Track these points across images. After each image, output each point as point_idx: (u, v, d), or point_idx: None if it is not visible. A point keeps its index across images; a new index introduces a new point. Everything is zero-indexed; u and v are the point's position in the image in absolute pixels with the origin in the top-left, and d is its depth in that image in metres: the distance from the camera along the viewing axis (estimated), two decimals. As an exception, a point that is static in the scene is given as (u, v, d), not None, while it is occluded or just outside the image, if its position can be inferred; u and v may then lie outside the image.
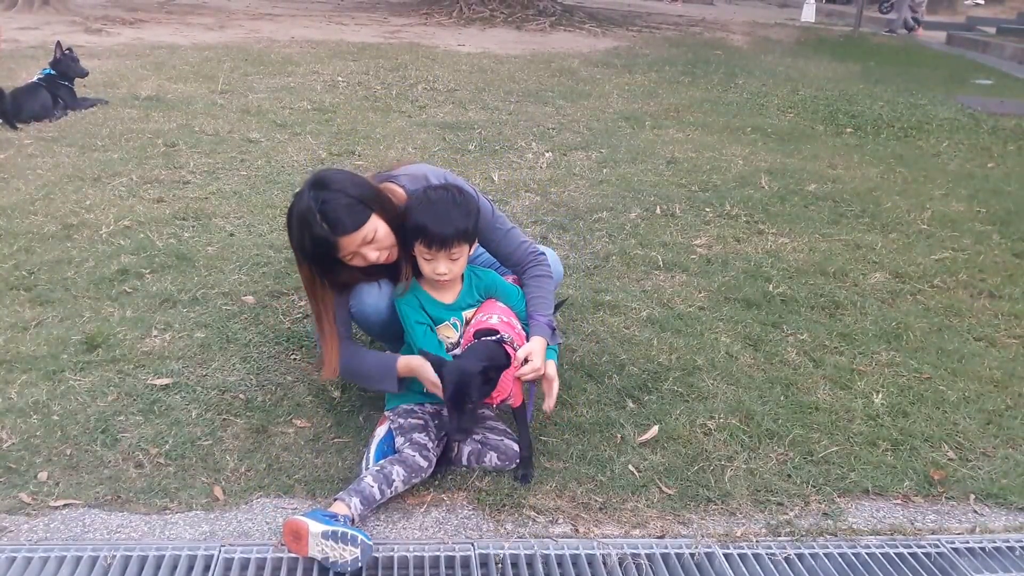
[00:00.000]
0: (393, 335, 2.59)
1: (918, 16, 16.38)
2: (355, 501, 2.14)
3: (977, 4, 19.84)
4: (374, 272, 2.47)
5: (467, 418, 2.24)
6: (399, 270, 2.48)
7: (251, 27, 11.37)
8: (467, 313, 2.51)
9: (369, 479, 2.20)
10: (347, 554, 1.99)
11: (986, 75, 11.18)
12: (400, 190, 2.47)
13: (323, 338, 2.46)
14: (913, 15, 16.36)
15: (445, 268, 2.37)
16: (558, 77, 8.74)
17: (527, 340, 2.47)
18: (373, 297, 2.52)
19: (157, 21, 11.47)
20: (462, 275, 2.50)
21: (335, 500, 2.15)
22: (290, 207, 2.36)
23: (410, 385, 2.49)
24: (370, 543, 2.02)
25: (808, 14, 17.97)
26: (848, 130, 7.09)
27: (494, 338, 2.35)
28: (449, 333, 2.50)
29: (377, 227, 2.34)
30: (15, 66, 7.23)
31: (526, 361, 2.37)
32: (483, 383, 2.22)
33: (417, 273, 2.48)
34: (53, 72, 6.04)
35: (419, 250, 2.36)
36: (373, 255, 2.36)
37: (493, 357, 2.27)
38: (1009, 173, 6.03)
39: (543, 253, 2.68)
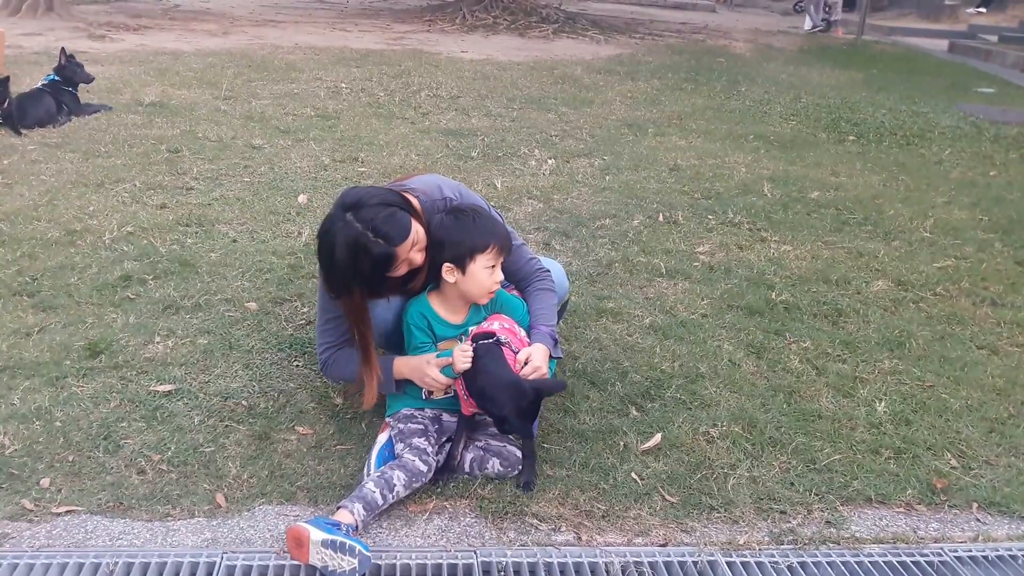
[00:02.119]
0: (395, 345, 2.60)
1: (828, 17, 16.69)
2: (358, 507, 2.14)
3: (979, 12, 19.86)
4: (396, 284, 2.48)
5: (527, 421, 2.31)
6: (410, 281, 2.50)
7: (255, 33, 11.40)
8: (473, 329, 2.50)
9: (370, 484, 2.21)
10: (345, 564, 1.99)
11: (988, 83, 11.18)
12: (415, 200, 2.48)
13: (366, 366, 2.43)
14: (825, 15, 16.66)
15: (500, 275, 2.44)
16: (561, 84, 8.76)
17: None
18: (380, 309, 2.54)
19: (161, 27, 11.51)
20: None
21: (339, 508, 2.15)
22: (330, 239, 2.31)
23: (408, 390, 2.50)
24: (368, 554, 2.02)
25: (810, 22, 17.98)
26: (850, 138, 7.09)
27: (491, 340, 2.36)
28: (451, 346, 2.49)
29: (418, 228, 2.37)
30: (19, 72, 7.25)
31: (527, 364, 2.39)
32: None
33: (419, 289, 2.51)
34: (57, 78, 6.06)
35: (483, 262, 2.38)
36: (419, 257, 2.39)
37: (499, 361, 2.32)
38: (1011, 181, 6.02)
39: (548, 270, 2.70)
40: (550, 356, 2.51)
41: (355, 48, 10.46)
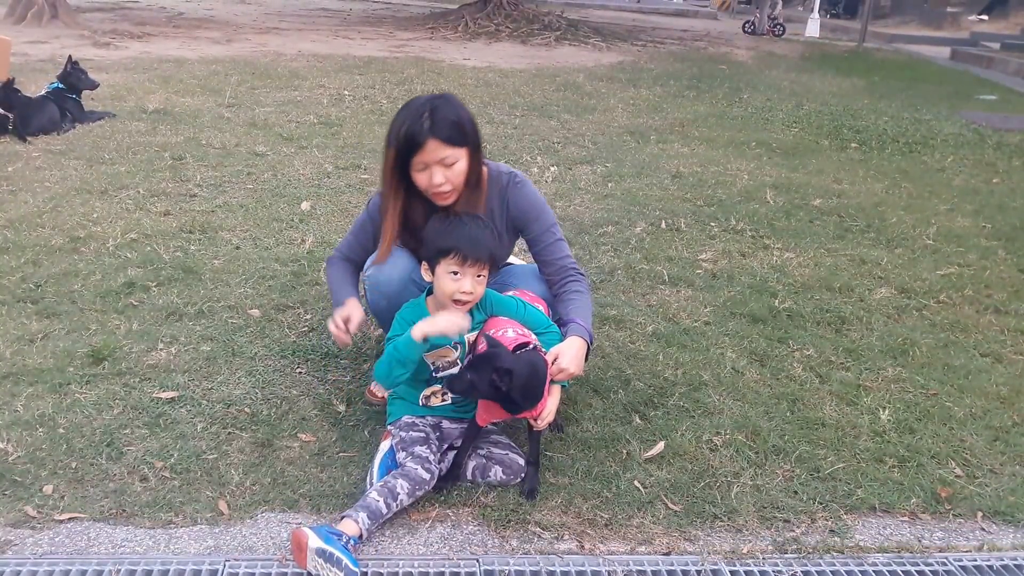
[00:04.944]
0: (387, 313, 2.60)
1: (778, 20, 17.31)
2: (362, 516, 2.14)
3: (981, 20, 19.89)
4: (417, 203, 2.56)
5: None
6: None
7: (258, 41, 11.44)
8: (469, 336, 2.48)
9: (374, 494, 2.20)
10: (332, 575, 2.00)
11: (990, 90, 11.19)
12: (485, 168, 2.60)
13: (384, 224, 2.55)
14: (775, 21, 17.18)
15: (471, 286, 2.36)
16: (563, 91, 8.78)
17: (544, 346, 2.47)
18: (388, 265, 2.60)
19: (165, 35, 11.55)
20: None
21: (343, 517, 2.15)
22: (408, 101, 2.52)
23: (404, 395, 2.49)
24: (355, 569, 2.02)
25: (812, 29, 18.06)
26: (853, 145, 7.10)
27: (530, 347, 2.35)
28: (446, 354, 2.48)
29: (460, 160, 2.45)
30: (24, 79, 7.25)
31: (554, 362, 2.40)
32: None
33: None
34: (61, 85, 6.08)
35: (446, 266, 2.35)
36: (439, 178, 2.44)
37: (541, 368, 2.32)
38: (1014, 189, 6.02)
39: (583, 273, 2.74)
40: (589, 345, 2.52)
41: (358, 55, 10.49)
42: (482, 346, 2.36)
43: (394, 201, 2.55)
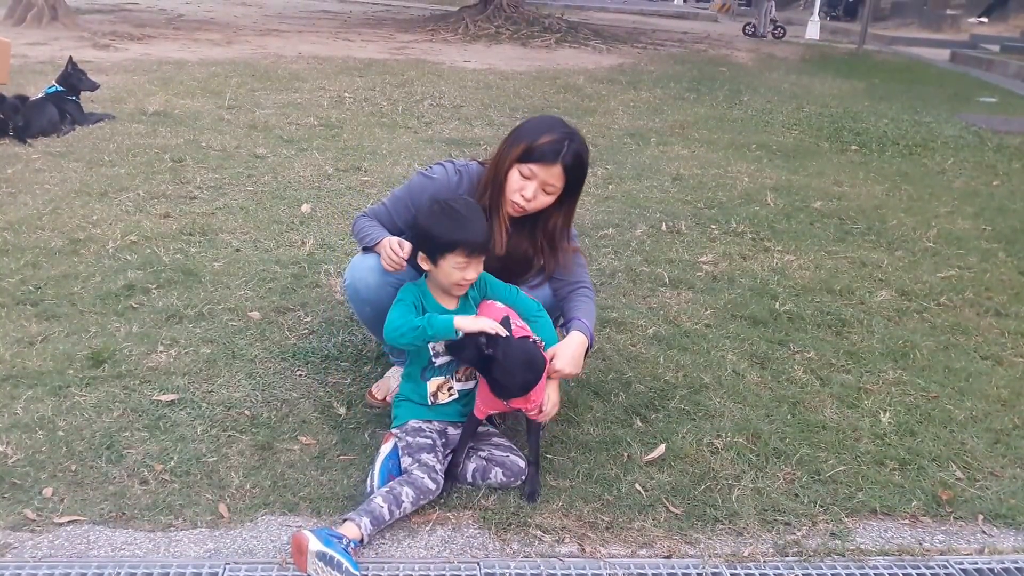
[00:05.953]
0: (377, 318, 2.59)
1: (776, 21, 17.52)
2: (365, 521, 2.13)
3: (981, 22, 19.90)
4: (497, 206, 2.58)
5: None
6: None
7: (258, 43, 11.45)
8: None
9: (379, 499, 2.20)
10: None
11: (990, 93, 11.20)
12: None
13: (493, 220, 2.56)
14: (775, 24, 17.36)
15: (474, 273, 2.41)
16: (563, 94, 8.78)
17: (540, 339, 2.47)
18: (363, 270, 2.60)
19: (165, 37, 11.56)
20: None
21: (346, 520, 2.14)
22: (550, 115, 2.67)
23: (410, 396, 2.50)
24: (356, 573, 2.02)
25: (812, 31, 18.08)
26: (853, 147, 7.10)
27: (530, 341, 2.36)
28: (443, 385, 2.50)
29: (554, 196, 2.53)
30: (24, 81, 7.27)
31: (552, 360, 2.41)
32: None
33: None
34: (60, 88, 6.08)
35: (452, 260, 2.35)
36: (530, 191, 2.50)
37: (536, 358, 2.33)
38: (1015, 191, 6.03)
39: (592, 285, 2.75)
40: (589, 346, 2.53)
41: (358, 58, 10.50)
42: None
43: (492, 185, 2.58)
